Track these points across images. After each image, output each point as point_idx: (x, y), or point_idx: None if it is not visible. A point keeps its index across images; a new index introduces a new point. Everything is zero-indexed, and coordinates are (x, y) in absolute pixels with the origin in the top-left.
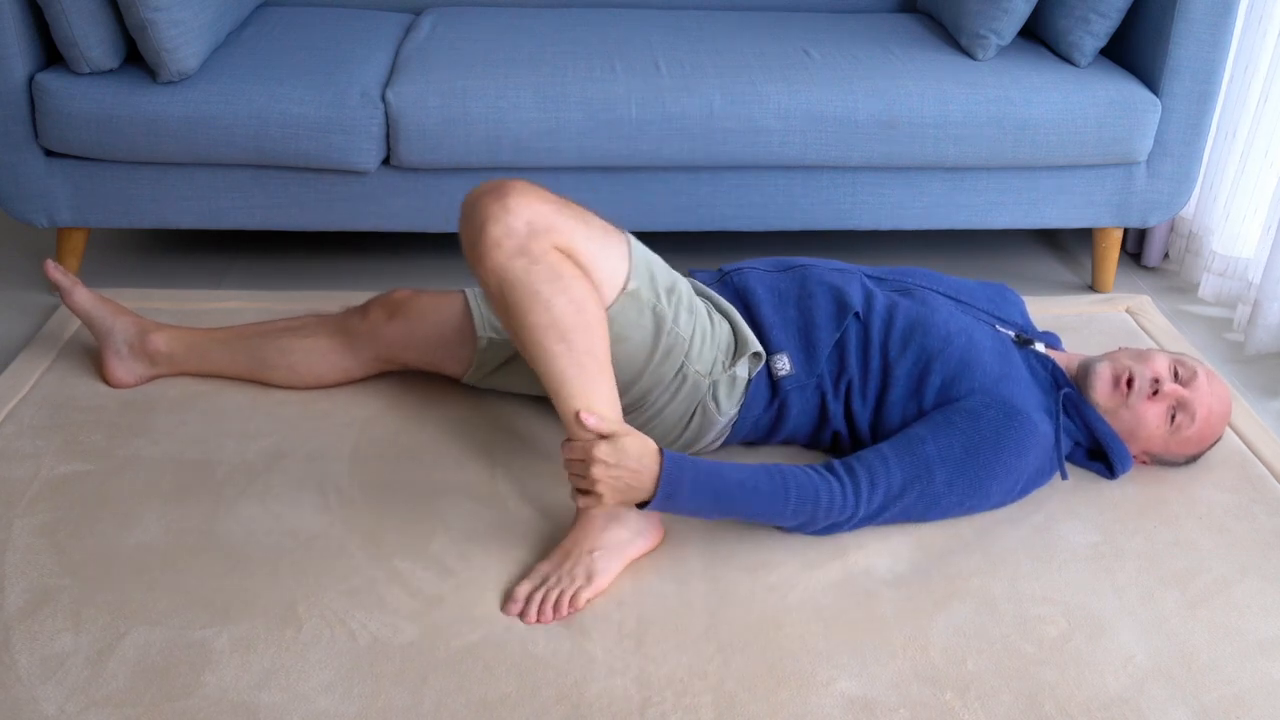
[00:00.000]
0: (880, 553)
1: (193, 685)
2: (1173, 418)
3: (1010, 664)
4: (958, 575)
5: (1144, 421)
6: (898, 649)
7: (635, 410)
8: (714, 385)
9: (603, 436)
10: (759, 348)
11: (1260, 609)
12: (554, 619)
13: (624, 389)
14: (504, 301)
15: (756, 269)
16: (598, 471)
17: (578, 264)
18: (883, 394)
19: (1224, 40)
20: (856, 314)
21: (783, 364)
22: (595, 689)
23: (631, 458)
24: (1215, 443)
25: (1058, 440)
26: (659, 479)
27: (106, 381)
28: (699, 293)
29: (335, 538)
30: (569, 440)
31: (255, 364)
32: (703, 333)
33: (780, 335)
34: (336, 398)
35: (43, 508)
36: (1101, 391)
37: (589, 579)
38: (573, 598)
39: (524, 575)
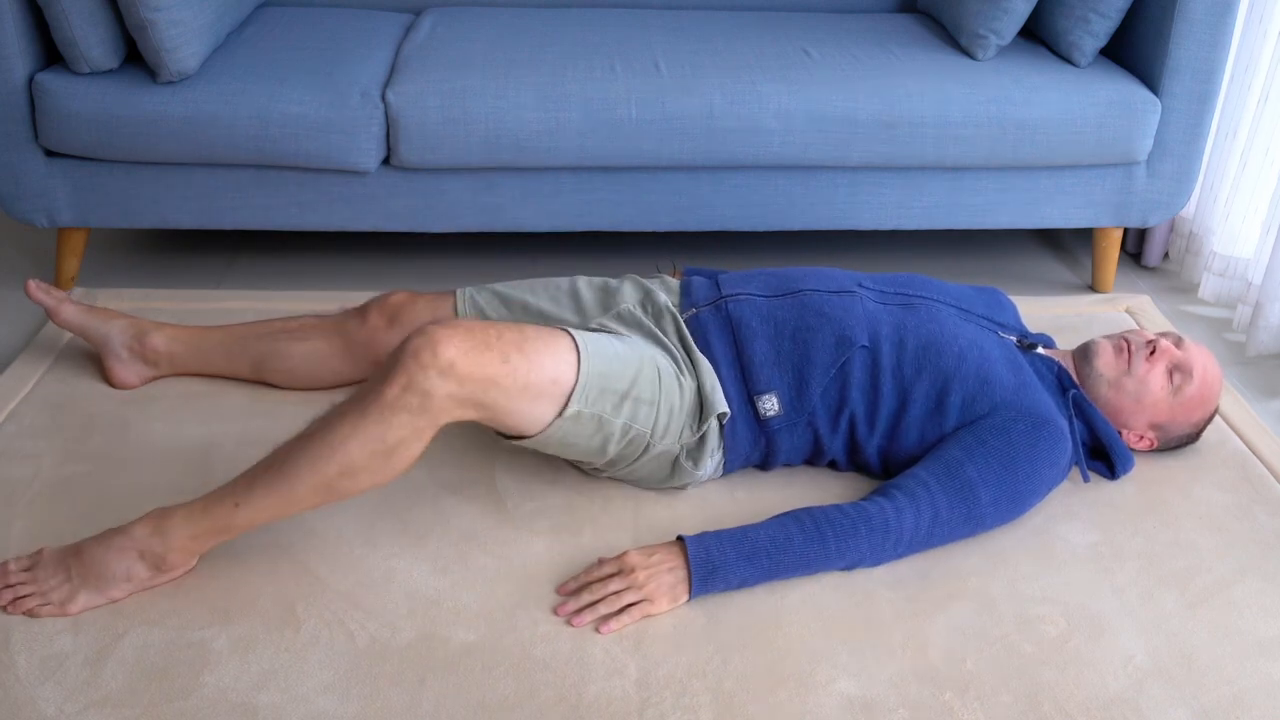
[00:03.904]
0: None
1: (192, 686)
2: (1172, 379)
3: (1010, 664)
4: (957, 575)
5: (1147, 385)
6: (897, 649)
7: (605, 470)
8: (684, 448)
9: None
10: (724, 408)
11: (1260, 609)
12: (13, 611)
13: (587, 463)
14: (360, 406)
15: (755, 296)
16: (641, 576)
17: (494, 418)
18: (899, 417)
19: (1224, 40)
20: (864, 345)
21: (770, 404)
22: (594, 690)
23: (658, 550)
24: (1214, 415)
25: (1075, 443)
26: (688, 561)
27: (111, 384)
28: (679, 338)
29: (334, 538)
30: (597, 568)
31: (254, 368)
32: (669, 410)
33: (772, 373)
34: (336, 398)
35: (43, 508)
36: (1105, 361)
37: (61, 604)
38: (35, 608)
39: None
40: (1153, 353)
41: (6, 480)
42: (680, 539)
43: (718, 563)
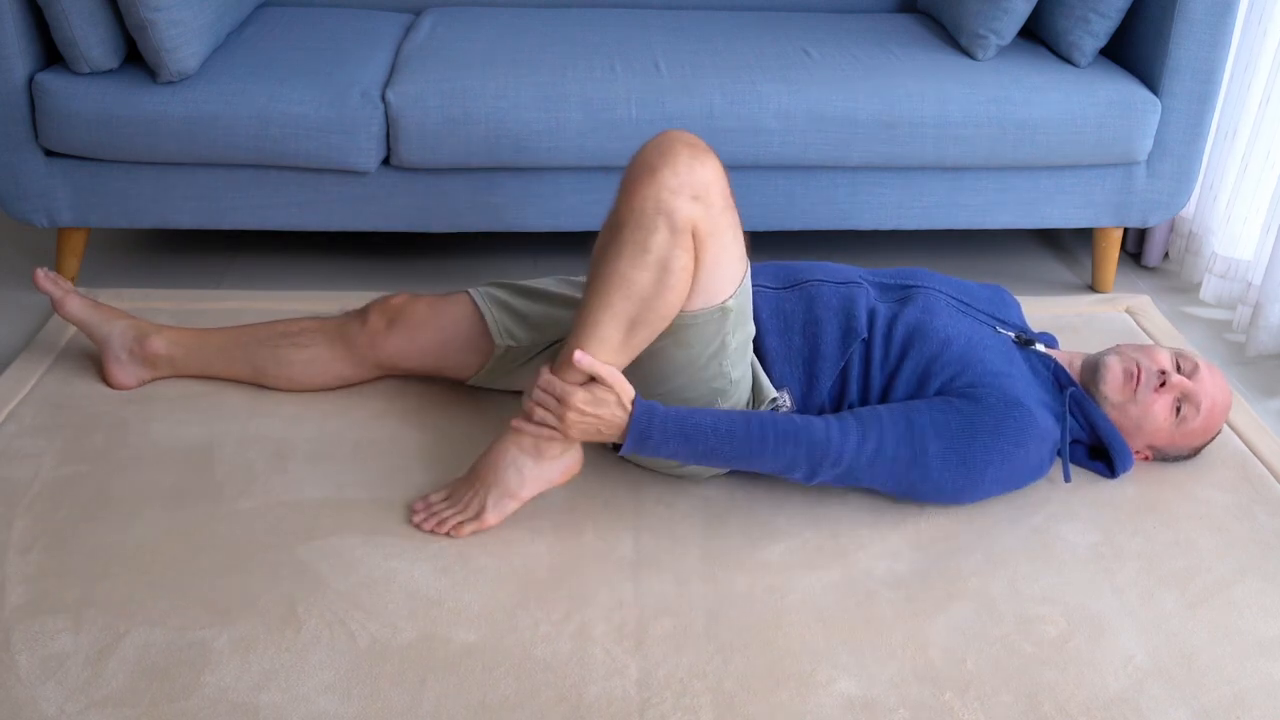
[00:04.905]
0: (880, 553)
1: (193, 685)
2: (1178, 410)
3: (1010, 664)
4: (957, 575)
5: (1151, 414)
6: (897, 649)
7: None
8: None
9: (589, 380)
10: (774, 392)
11: (1260, 609)
12: (439, 533)
13: (652, 385)
14: (617, 229)
15: (764, 288)
16: (571, 416)
17: (700, 257)
18: (882, 403)
19: (1224, 40)
20: (864, 339)
21: (783, 401)
22: (595, 690)
23: (608, 407)
24: (1215, 436)
25: (1064, 440)
26: (629, 426)
27: (108, 384)
28: None
29: (335, 538)
30: (551, 374)
31: (254, 373)
32: (746, 385)
33: (784, 369)
34: (337, 398)
35: (43, 508)
36: (1112, 385)
37: (479, 514)
38: (457, 526)
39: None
40: (1163, 384)
41: (6, 480)
42: (635, 399)
43: (654, 435)
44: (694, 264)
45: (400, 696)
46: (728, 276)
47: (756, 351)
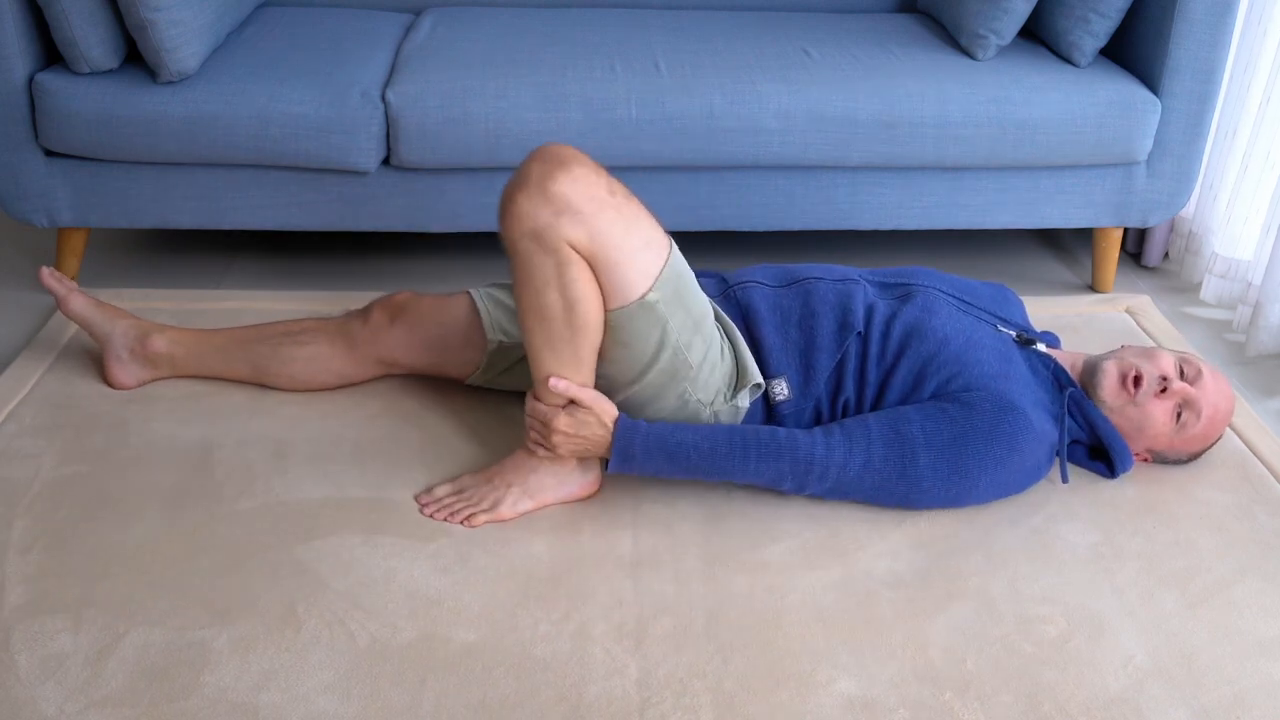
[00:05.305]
0: (880, 553)
1: (192, 686)
2: (1178, 416)
3: (1010, 664)
4: (957, 575)
5: (1151, 419)
6: (897, 649)
7: (629, 414)
8: (715, 415)
9: (570, 402)
10: (760, 379)
11: (1260, 609)
12: (452, 522)
13: (618, 389)
14: (511, 264)
15: (761, 284)
16: (556, 438)
17: (592, 264)
18: (880, 400)
19: (1224, 40)
20: (859, 333)
21: (781, 389)
22: (594, 690)
23: (590, 428)
24: (1217, 441)
25: (1062, 443)
26: (612, 445)
27: (108, 384)
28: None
29: (335, 537)
30: (535, 399)
31: (255, 371)
32: (711, 363)
33: (781, 358)
34: (337, 398)
35: (43, 508)
36: (1109, 390)
37: (493, 507)
38: (470, 517)
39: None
40: (1164, 390)
41: (6, 480)
42: (618, 418)
43: (636, 454)
44: (590, 269)
45: (400, 696)
46: (638, 270)
47: (754, 344)
